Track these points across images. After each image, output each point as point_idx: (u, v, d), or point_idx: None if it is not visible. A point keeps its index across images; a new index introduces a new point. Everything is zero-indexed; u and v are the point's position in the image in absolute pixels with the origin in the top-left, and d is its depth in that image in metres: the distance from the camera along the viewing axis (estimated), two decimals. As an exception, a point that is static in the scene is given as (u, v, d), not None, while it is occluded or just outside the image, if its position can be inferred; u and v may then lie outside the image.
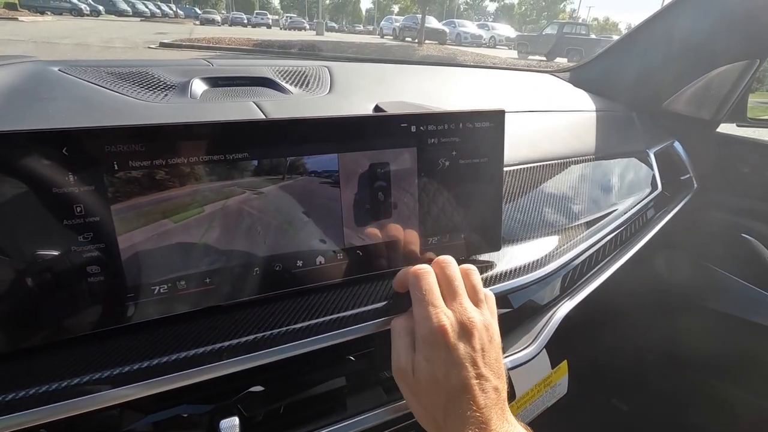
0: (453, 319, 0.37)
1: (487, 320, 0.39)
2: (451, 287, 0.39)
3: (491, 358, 0.37)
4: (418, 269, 0.39)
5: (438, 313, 0.36)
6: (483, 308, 0.39)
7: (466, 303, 0.38)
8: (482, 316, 0.38)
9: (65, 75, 0.54)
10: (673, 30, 0.91)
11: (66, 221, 0.33)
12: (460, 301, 0.38)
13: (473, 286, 0.40)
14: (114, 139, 0.33)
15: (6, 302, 0.32)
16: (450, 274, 0.40)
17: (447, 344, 0.35)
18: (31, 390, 0.31)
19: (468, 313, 0.37)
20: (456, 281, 0.39)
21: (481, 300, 0.40)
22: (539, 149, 0.68)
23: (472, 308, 0.38)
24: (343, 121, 0.42)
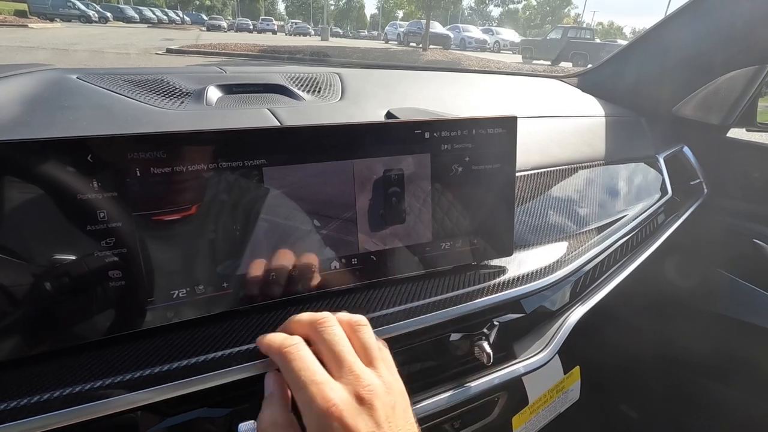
0: (344, 394, 0.30)
1: (387, 381, 0.32)
2: (335, 353, 0.32)
3: (398, 426, 0.31)
4: (282, 345, 0.32)
5: (324, 392, 0.29)
6: (379, 367, 0.33)
7: (358, 368, 0.31)
8: (380, 378, 0.32)
9: (84, 83, 0.55)
10: (682, 35, 0.91)
11: (89, 227, 0.33)
12: (349, 369, 0.31)
13: (363, 344, 0.34)
14: (136, 146, 0.34)
15: (30, 306, 0.32)
16: (329, 338, 0.33)
17: (346, 428, 0.28)
18: (55, 393, 0.32)
19: (363, 382, 0.30)
20: (339, 345, 0.32)
21: (375, 358, 0.33)
22: (549, 154, 0.69)
23: (366, 373, 0.31)
24: (358, 128, 0.42)
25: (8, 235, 0.31)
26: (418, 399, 0.45)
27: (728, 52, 0.86)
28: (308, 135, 0.40)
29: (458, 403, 0.46)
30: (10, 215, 0.31)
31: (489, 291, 0.48)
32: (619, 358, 0.82)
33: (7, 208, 0.31)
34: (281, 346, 0.32)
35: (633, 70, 1.00)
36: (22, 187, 0.31)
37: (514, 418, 0.53)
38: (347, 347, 0.33)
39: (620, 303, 0.65)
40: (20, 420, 0.30)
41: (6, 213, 0.31)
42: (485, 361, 0.45)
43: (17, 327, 0.32)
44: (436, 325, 0.45)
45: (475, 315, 0.47)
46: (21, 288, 0.32)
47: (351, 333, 0.34)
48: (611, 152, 0.79)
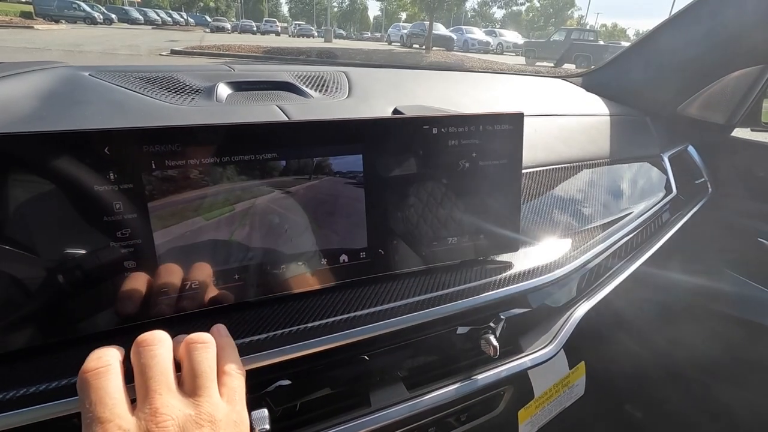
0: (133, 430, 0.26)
1: (206, 413, 0.28)
2: (142, 380, 0.28)
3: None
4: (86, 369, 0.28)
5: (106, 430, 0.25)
6: (203, 396, 0.28)
7: (159, 400, 0.27)
8: (196, 409, 0.28)
9: (96, 80, 0.56)
10: (686, 35, 0.92)
11: (106, 218, 0.34)
12: (150, 400, 0.27)
13: (193, 369, 0.29)
14: (152, 139, 0.35)
15: (47, 295, 0.33)
16: (144, 361, 0.28)
17: None
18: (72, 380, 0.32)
19: (157, 417, 0.26)
20: (151, 370, 0.28)
21: (201, 386, 0.29)
22: (555, 152, 0.69)
23: (167, 406, 0.27)
24: (368, 123, 0.43)
25: (25, 225, 0.32)
26: (424, 392, 0.45)
27: (733, 52, 0.86)
28: (318, 129, 0.41)
29: (465, 396, 0.47)
30: (27, 206, 0.32)
31: (495, 285, 0.49)
32: (623, 356, 0.82)
33: (24, 199, 0.31)
34: (84, 368, 0.28)
35: (637, 70, 1.00)
36: (41, 179, 0.32)
37: (520, 411, 0.54)
38: (159, 374, 0.28)
39: (625, 300, 0.66)
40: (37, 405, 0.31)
41: (23, 204, 0.31)
42: (492, 353, 0.45)
43: (33, 317, 0.33)
44: (443, 319, 0.45)
45: (481, 309, 0.48)
46: (37, 278, 0.33)
47: (185, 355, 0.30)
48: (616, 151, 0.79)
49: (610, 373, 0.79)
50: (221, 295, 0.39)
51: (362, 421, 0.41)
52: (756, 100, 0.90)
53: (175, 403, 0.27)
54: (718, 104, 0.93)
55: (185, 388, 0.29)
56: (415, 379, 0.46)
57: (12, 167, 0.31)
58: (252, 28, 33.03)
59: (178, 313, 0.37)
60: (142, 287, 0.36)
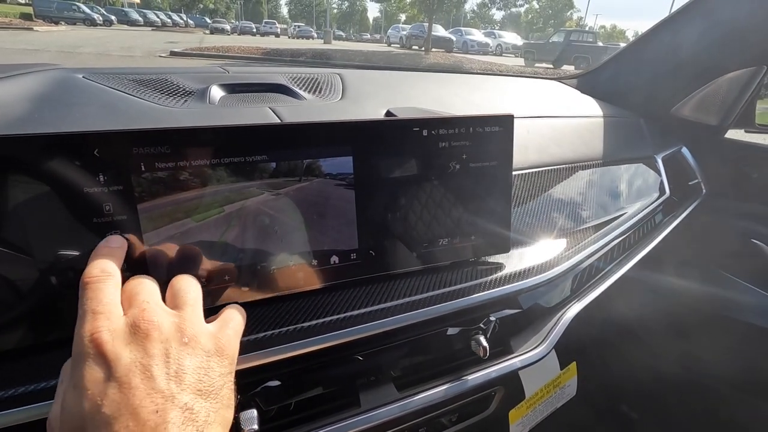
0: (120, 323, 0.27)
1: (185, 322, 0.29)
2: (130, 294, 0.30)
3: (184, 364, 0.27)
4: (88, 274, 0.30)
5: (96, 320, 0.27)
6: (184, 310, 0.30)
7: (146, 304, 0.29)
8: (176, 318, 0.29)
9: (89, 82, 0.56)
10: (681, 36, 0.92)
11: (96, 219, 0.34)
12: (137, 303, 0.29)
13: (174, 292, 0.32)
14: (141, 141, 0.35)
15: (36, 296, 0.33)
16: (129, 286, 0.31)
17: (104, 356, 0.26)
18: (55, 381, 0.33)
19: (146, 314, 0.28)
20: (136, 288, 0.31)
21: (184, 302, 0.31)
22: (547, 154, 0.69)
23: (153, 309, 0.29)
24: (357, 125, 0.43)
25: (16, 228, 0.32)
26: (414, 392, 0.45)
27: (726, 54, 0.87)
28: (309, 131, 0.41)
29: (455, 397, 0.47)
30: (18, 209, 0.32)
31: (486, 287, 0.49)
32: (616, 357, 0.82)
33: (15, 202, 0.32)
34: (86, 274, 0.29)
35: (631, 72, 1.01)
36: (31, 181, 0.32)
37: (510, 412, 0.54)
38: (147, 290, 0.31)
39: (617, 301, 0.66)
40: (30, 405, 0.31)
41: (14, 207, 0.32)
42: (481, 354, 0.46)
43: (24, 318, 0.33)
44: (433, 320, 0.45)
45: (472, 310, 0.48)
46: (28, 279, 0.33)
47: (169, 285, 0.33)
48: (609, 152, 0.79)
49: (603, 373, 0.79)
50: (212, 298, 0.39)
51: (352, 422, 0.41)
52: (749, 102, 0.91)
53: (159, 310, 0.29)
54: (711, 106, 0.94)
55: (168, 305, 0.31)
56: (405, 380, 0.47)
57: (2, 169, 0.31)
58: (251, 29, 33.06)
59: (168, 314, 0.37)
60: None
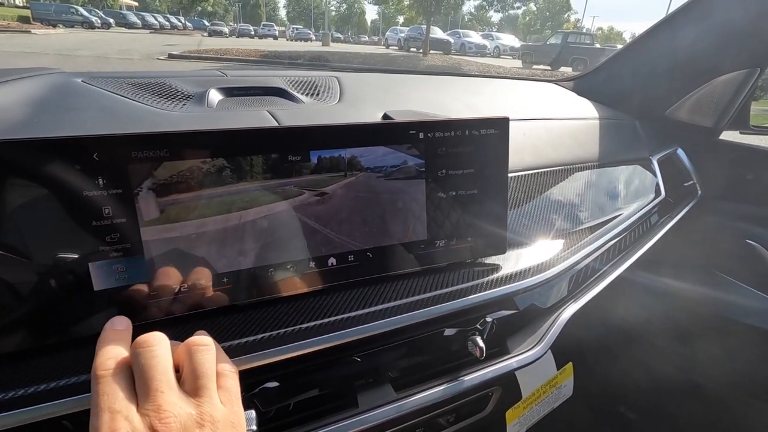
0: (137, 423, 0.26)
1: (206, 413, 0.28)
2: (145, 379, 0.28)
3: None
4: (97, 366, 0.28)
5: (114, 421, 0.26)
6: (204, 396, 0.29)
7: (163, 398, 0.28)
8: (197, 409, 0.28)
9: (89, 86, 0.57)
10: (675, 39, 0.93)
11: (95, 222, 0.35)
12: (153, 398, 0.27)
13: (192, 369, 0.30)
14: (140, 145, 0.36)
15: (36, 299, 0.34)
16: (144, 362, 0.29)
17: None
18: (60, 382, 0.33)
19: (161, 414, 0.27)
20: (152, 370, 0.28)
21: (202, 387, 0.29)
22: (543, 156, 0.70)
23: (171, 404, 0.27)
24: (354, 129, 0.44)
25: (16, 231, 0.32)
26: (411, 393, 0.46)
27: (720, 56, 0.88)
28: (306, 135, 0.42)
29: (452, 397, 0.47)
30: (18, 213, 0.32)
31: (482, 288, 0.49)
32: (613, 357, 0.83)
33: (15, 205, 0.32)
34: (98, 365, 0.28)
35: (627, 73, 1.02)
36: (31, 185, 0.32)
37: (507, 412, 0.54)
38: (161, 374, 0.29)
39: (614, 302, 0.66)
40: (28, 407, 0.31)
41: (14, 210, 0.32)
42: (478, 355, 0.46)
43: (25, 321, 0.34)
44: (430, 321, 0.46)
45: (469, 311, 0.49)
46: (28, 282, 0.33)
47: (185, 357, 0.31)
48: (605, 154, 0.80)
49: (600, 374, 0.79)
50: (210, 299, 0.39)
51: (350, 422, 0.42)
52: (743, 104, 0.92)
53: (177, 402, 0.28)
54: (706, 108, 0.94)
55: (186, 388, 0.30)
56: (402, 381, 0.47)
57: (2, 173, 0.31)
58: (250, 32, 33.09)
59: (168, 316, 0.38)
60: (132, 291, 0.37)
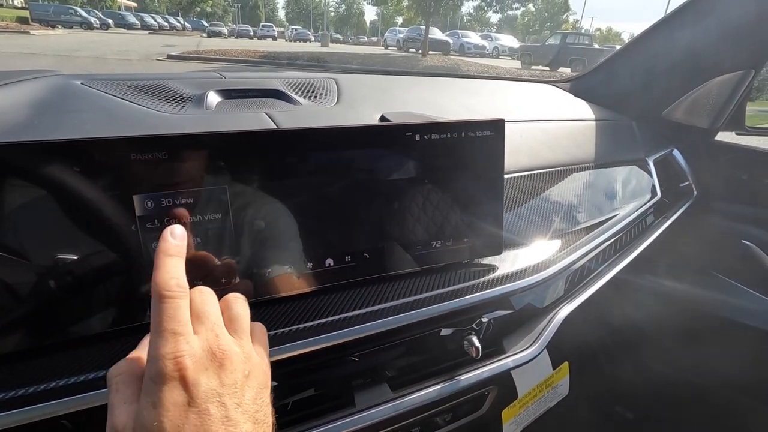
0: (197, 347, 0.29)
1: (247, 353, 0.32)
2: (200, 312, 0.31)
3: (247, 398, 0.30)
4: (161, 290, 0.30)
5: (178, 341, 0.28)
6: (243, 338, 0.32)
7: (218, 329, 0.31)
8: (241, 347, 0.31)
9: (88, 88, 0.57)
10: (671, 41, 0.94)
11: (94, 224, 0.35)
12: (210, 327, 0.30)
13: (232, 316, 0.33)
14: (139, 147, 0.36)
15: (37, 300, 0.34)
16: (198, 300, 0.32)
17: (185, 380, 0.27)
18: (60, 382, 0.34)
19: (220, 341, 0.30)
20: (206, 305, 0.32)
21: (242, 329, 0.33)
22: (540, 157, 0.71)
23: (225, 335, 0.31)
24: (351, 131, 0.44)
25: (16, 232, 0.33)
26: (408, 392, 0.46)
27: (715, 58, 0.88)
28: (304, 137, 0.42)
29: (448, 396, 0.48)
30: (18, 214, 0.33)
31: (479, 288, 0.50)
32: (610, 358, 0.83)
33: (15, 207, 0.32)
34: (163, 286, 0.30)
35: (624, 75, 1.02)
36: (30, 187, 0.33)
37: (504, 411, 0.55)
38: (215, 310, 0.32)
39: (610, 301, 0.67)
40: (27, 407, 0.32)
41: (14, 211, 0.32)
42: (474, 354, 0.47)
43: (25, 321, 0.34)
44: (426, 321, 0.46)
45: (465, 311, 0.49)
46: (30, 283, 0.34)
47: (225, 307, 0.34)
48: (602, 155, 0.81)
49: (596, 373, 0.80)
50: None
51: (347, 421, 0.42)
52: (738, 105, 0.92)
53: (228, 338, 0.31)
54: (702, 109, 0.95)
55: (228, 330, 0.32)
56: (399, 380, 0.47)
57: (3, 175, 0.32)
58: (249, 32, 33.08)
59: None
60: (129, 292, 0.37)
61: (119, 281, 0.36)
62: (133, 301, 0.37)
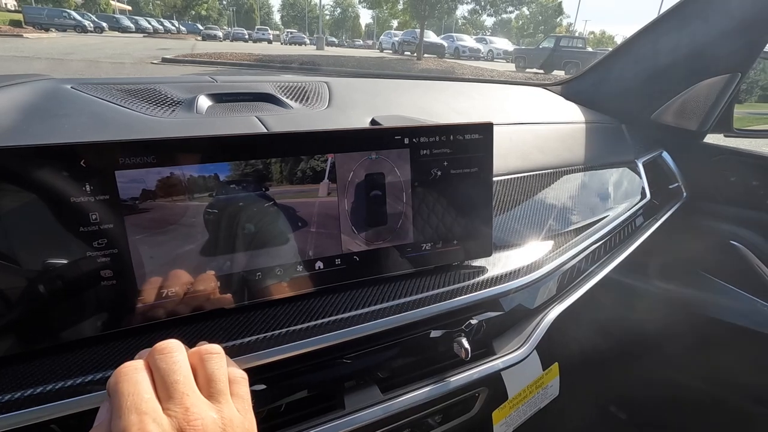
0: (167, 427, 0.26)
1: (227, 417, 0.29)
2: (167, 383, 0.28)
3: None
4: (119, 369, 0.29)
5: (144, 423, 0.26)
6: (222, 402, 0.30)
7: (190, 401, 0.28)
8: (218, 413, 0.29)
9: (78, 92, 0.57)
10: (659, 44, 0.95)
11: (82, 228, 0.35)
12: (180, 400, 0.28)
13: (207, 375, 0.31)
14: (127, 151, 0.36)
15: (25, 304, 0.34)
16: (164, 366, 0.29)
17: None
18: (47, 387, 0.33)
19: (190, 416, 0.27)
20: (174, 374, 0.29)
21: (219, 391, 0.30)
22: (530, 160, 0.71)
23: (198, 407, 0.28)
24: (341, 134, 0.45)
25: (4, 237, 0.33)
26: (398, 394, 0.46)
27: (702, 61, 0.90)
28: (292, 141, 0.42)
29: (439, 398, 0.48)
30: (6, 219, 0.33)
31: (468, 290, 0.50)
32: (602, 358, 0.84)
33: (3, 211, 0.32)
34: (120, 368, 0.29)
35: (613, 78, 1.03)
36: (18, 192, 0.33)
37: (494, 412, 0.55)
38: (184, 378, 0.29)
39: (599, 302, 0.67)
40: (15, 411, 0.32)
41: (2, 216, 0.32)
42: (463, 356, 0.47)
43: (13, 326, 0.34)
44: (416, 323, 0.46)
45: (454, 313, 0.49)
46: (15, 288, 0.34)
47: (198, 363, 0.31)
48: (592, 157, 0.81)
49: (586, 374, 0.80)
50: (198, 304, 0.40)
51: (336, 424, 0.42)
52: (726, 107, 0.93)
53: (202, 405, 0.28)
54: (691, 111, 0.96)
55: (203, 394, 0.30)
56: (389, 382, 0.48)
57: (-9, 180, 0.32)
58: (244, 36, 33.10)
59: (155, 321, 0.38)
60: (118, 296, 0.37)
61: (105, 285, 0.36)
62: (116, 306, 0.37)
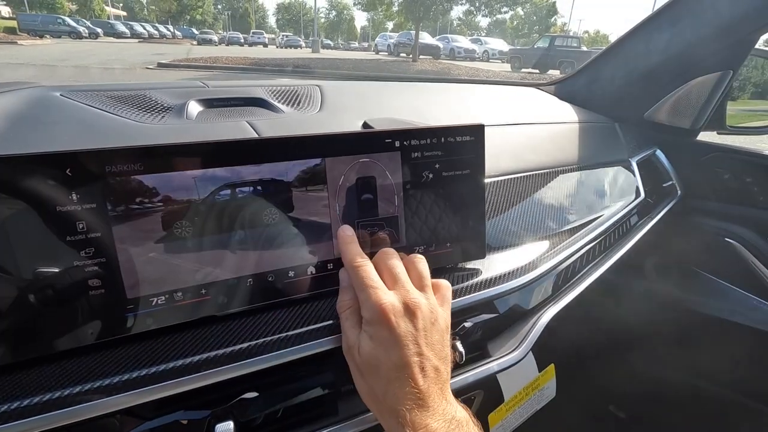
0: (394, 299, 0.38)
1: (432, 304, 0.40)
2: (392, 273, 0.41)
3: (433, 339, 0.39)
4: (352, 260, 0.41)
5: (378, 293, 0.38)
6: (428, 294, 0.41)
7: (408, 286, 0.40)
8: (426, 300, 0.40)
9: (66, 99, 0.56)
10: (651, 43, 0.95)
11: (69, 237, 0.35)
12: (401, 285, 0.40)
13: (418, 274, 0.42)
14: (114, 159, 0.36)
15: (13, 314, 0.34)
16: (389, 263, 0.42)
17: (388, 323, 0.37)
18: (35, 399, 0.33)
19: (410, 295, 0.39)
20: (396, 268, 0.41)
21: (426, 286, 0.42)
22: (523, 160, 0.71)
23: (414, 291, 0.40)
24: (331, 138, 0.44)
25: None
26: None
27: (694, 59, 0.90)
28: (282, 145, 0.42)
29: (434, 402, 0.47)
30: (-6, 228, 0.32)
31: (462, 293, 0.50)
32: (599, 358, 0.84)
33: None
34: (352, 260, 0.41)
35: (606, 77, 1.04)
36: (5, 200, 0.32)
37: (490, 416, 0.55)
38: (402, 271, 0.41)
39: (595, 302, 0.67)
40: (2, 425, 0.31)
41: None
42: (457, 360, 0.47)
43: (2, 336, 0.33)
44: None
45: (449, 316, 0.49)
46: (3, 298, 0.33)
47: (410, 265, 0.43)
48: (585, 157, 0.81)
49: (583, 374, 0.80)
50: (188, 311, 0.39)
51: (330, 430, 0.42)
52: (718, 105, 0.94)
53: (416, 293, 0.40)
54: (683, 109, 0.96)
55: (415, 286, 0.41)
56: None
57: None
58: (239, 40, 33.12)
59: (146, 329, 0.38)
60: (107, 305, 0.37)
61: (93, 294, 0.36)
62: (109, 313, 0.37)
